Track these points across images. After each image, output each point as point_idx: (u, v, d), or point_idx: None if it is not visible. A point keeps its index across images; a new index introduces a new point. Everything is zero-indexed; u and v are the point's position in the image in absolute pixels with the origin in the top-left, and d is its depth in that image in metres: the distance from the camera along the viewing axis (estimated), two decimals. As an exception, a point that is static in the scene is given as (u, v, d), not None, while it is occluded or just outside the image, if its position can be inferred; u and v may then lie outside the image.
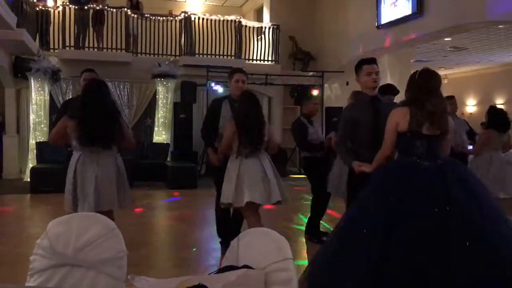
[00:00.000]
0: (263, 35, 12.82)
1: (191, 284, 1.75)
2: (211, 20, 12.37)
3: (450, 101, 6.20)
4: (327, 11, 12.76)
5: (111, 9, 11.41)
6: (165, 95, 11.24)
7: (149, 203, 7.85)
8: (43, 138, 10.07)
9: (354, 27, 11.19)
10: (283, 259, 1.84)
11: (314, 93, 10.57)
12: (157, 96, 11.29)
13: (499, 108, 6.52)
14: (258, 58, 12.79)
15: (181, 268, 4.31)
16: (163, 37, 11.92)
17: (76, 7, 11.13)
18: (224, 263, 2.00)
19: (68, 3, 11.34)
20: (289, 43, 13.01)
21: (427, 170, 2.82)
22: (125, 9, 11.58)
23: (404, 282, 2.45)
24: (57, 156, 7.62)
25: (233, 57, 12.29)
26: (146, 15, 11.92)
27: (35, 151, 9.87)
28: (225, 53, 12.32)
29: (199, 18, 12.30)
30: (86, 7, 11.16)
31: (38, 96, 10.14)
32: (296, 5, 13.26)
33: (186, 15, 12.13)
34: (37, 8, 10.84)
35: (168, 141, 11.30)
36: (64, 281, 1.82)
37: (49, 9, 11.27)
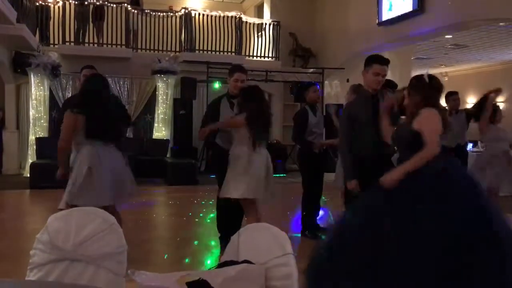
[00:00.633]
0: (264, 32, 12.79)
1: (191, 279, 1.75)
2: (212, 16, 12.35)
3: (453, 97, 6.17)
4: (328, 8, 12.73)
5: (111, 5, 11.38)
6: (165, 91, 11.23)
7: (149, 199, 7.85)
8: (43, 134, 10.07)
9: (355, 24, 11.16)
10: (284, 254, 1.84)
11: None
12: (157, 92, 11.28)
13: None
14: (258, 55, 12.77)
15: (181, 264, 4.31)
16: (163, 33, 11.90)
17: (76, 2, 11.11)
18: (224, 258, 2.00)
19: (68, -2, 11.33)
20: (290, 40, 12.98)
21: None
22: (125, 5, 11.55)
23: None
24: (57, 152, 7.59)
25: (233, 54, 12.26)
26: (146, 11, 11.90)
27: (35, 147, 9.85)
28: (225, 49, 12.29)
29: (200, 14, 12.28)
30: (86, 3, 11.14)
31: (38, 92, 10.13)
32: (297, 2, 13.22)
33: (187, 11, 12.11)
34: (37, 3, 10.81)
35: (168, 137, 11.29)
36: (64, 276, 1.81)
37: (49, 4, 11.22)
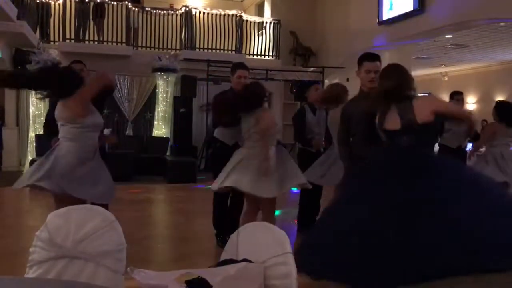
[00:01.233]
0: (264, 30, 12.78)
1: (190, 277, 1.76)
2: (212, 14, 12.34)
3: (457, 97, 6.15)
4: (328, 7, 12.71)
5: (112, 2, 11.37)
6: (165, 89, 11.23)
7: (148, 197, 7.85)
8: (43, 131, 10.06)
9: (355, 23, 11.15)
10: (283, 253, 1.85)
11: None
12: (157, 90, 11.28)
13: (508, 102, 6.44)
14: (259, 53, 12.76)
15: (180, 262, 4.31)
16: (164, 31, 11.88)
17: (77, 0, 11.10)
18: (224, 257, 2.01)
19: (69, -4, 11.31)
20: (290, 38, 12.96)
21: None
22: (126, 2, 11.54)
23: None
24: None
25: (234, 52, 12.25)
26: (147, 9, 11.89)
27: (35, 144, 9.86)
28: (226, 48, 12.28)
29: (200, 12, 12.27)
30: (87, 0, 11.13)
31: (38, 89, 10.10)
32: (297, 1, 13.19)
33: (187, 9, 12.10)
34: (38, 0, 10.81)
35: (168, 135, 11.29)
36: (63, 273, 1.81)
37: (50, 2, 11.22)
